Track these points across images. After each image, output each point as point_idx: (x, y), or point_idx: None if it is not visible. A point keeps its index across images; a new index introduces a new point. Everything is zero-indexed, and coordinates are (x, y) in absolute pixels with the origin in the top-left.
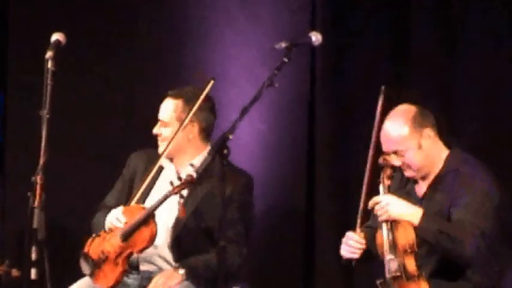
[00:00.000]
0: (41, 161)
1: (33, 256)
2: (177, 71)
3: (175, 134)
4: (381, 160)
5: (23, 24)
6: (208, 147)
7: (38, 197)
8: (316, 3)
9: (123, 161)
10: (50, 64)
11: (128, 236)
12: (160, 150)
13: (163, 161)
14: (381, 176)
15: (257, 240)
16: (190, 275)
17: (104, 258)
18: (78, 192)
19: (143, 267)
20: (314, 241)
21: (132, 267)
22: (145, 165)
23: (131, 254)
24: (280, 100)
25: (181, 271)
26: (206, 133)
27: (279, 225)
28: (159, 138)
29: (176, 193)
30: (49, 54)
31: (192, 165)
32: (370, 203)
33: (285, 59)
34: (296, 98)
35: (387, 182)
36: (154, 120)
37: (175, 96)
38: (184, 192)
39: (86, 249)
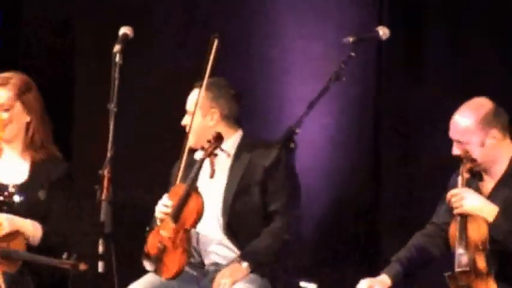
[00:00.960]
0: (108, 154)
1: (100, 249)
2: (244, 65)
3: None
4: (461, 153)
5: (90, 17)
6: (239, 132)
7: (105, 190)
8: None
9: None
10: (117, 58)
11: (177, 215)
12: (189, 143)
13: (196, 155)
14: (460, 169)
15: (322, 234)
16: (254, 266)
17: (163, 249)
18: (144, 186)
19: (207, 260)
20: (379, 236)
21: (196, 263)
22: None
23: (186, 231)
24: (347, 95)
25: (245, 264)
26: (230, 119)
27: (344, 220)
28: (187, 129)
29: (210, 154)
30: (116, 47)
31: (222, 150)
32: (448, 195)
33: (352, 54)
34: (363, 92)
35: (466, 176)
36: None
37: (196, 86)
38: (218, 152)
39: (145, 249)
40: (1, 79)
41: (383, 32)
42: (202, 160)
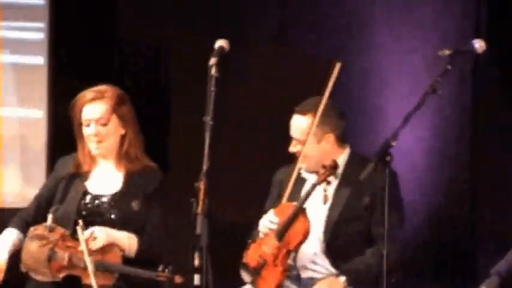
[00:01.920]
0: (204, 167)
1: (196, 262)
2: (341, 79)
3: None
4: None
5: (187, 29)
6: (347, 150)
7: (201, 203)
8: (480, 9)
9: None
10: (213, 70)
11: (282, 234)
12: (303, 166)
13: (304, 174)
14: None
15: (418, 246)
16: (352, 281)
17: (263, 263)
18: (240, 199)
19: (304, 274)
20: (476, 249)
21: (293, 276)
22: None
23: (289, 252)
24: (443, 107)
25: (342, 278)
26: (341, 138)
27: (440, 233)
28: (297, 155)
29: (323, 181)
30: (212, 60)
31: (335, 176)
32: None
33: (449, 67)
34: (459, 105)
35: None
36: None
37: (304, 112)
38: (331, 179)
39: (244, 259)
40: (96, 93)
41: (479, 45)
42: (315, 185)
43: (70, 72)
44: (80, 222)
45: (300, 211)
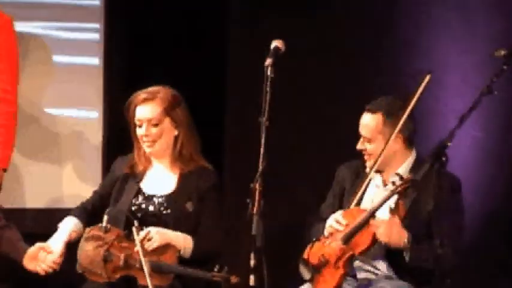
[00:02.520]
0: (260, 167)
1: (252, 263)
2: (396, 80)
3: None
4: None
5: (244, 29)
6: (413, 153)
7: (256, 203)
8: None
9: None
10: (269, 71)
11: (349, 238)
12: (368, 164)
13: (371, 174)
14: None
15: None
16: (413, 254)
17: (325, 263)
18: (295, 200)
19: (360, 275)
20: None
21: (349, 276)
22: (352, 177)
23: (352, 256)
24: (498, 108)
25: (409, 235)
26: (409, 141)
27: (495, 236)
28: (364, 153)
29: (398, 192)
30: (268, 61)
31: (397, 174)
32: None
33: (504, 67)
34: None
35: None
36: None
37: (374, 111)
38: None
39: (305, 255)
40: (149, 94)
41: None
42: (389, 196)
43: (125, 72)
44: (136, 223)
45: (371, 219)
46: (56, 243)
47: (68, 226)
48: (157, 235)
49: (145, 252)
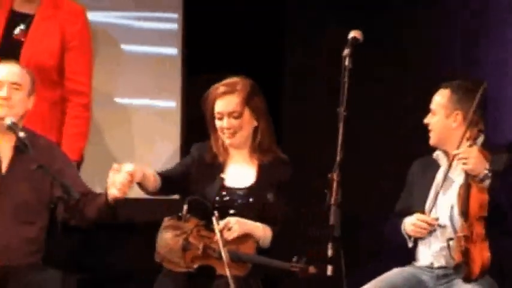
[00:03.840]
0: (338, 158)
1: (329, 253)
2: (465, 69)
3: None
4: None
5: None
6: (480, 139)
7: (334, 194)
8: None
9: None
10: (347, 61)
11: (465, 211)
12: (430, 141)
13: (436, 156)
14: None
15: None
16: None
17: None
18: (371, 191)
19: (437, 263)
20: None
21: (425, 265)
22: (423, 171)
23: (480, 218)
24: None
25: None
26: (472, 124)
27: None
28: (429, 128)
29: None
30: (346, 51)
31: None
32: None
33: None
34: None
35: None
36: None
37: (445, 87)
38: None
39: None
40: (228, 86)
41: None
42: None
43: (203, 62)
44: (215, 213)
45: (468, 185)
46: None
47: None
48: (237, 225)
49: (225, 242)
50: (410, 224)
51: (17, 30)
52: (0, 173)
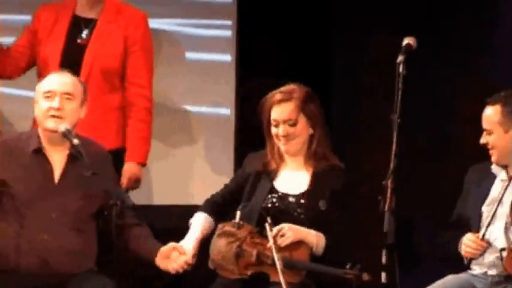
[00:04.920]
0: (392, 165)
1: (384, 260)
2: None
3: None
4: None
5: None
6: None
7: (388, 200)
8: None
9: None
10: (401, 68)
11: None
12: (492, 158)
13: (494, 169)
14: None
15: None
16: None
17: None
18: (426, 198)
19: (491, 271)
20: None
21: (480, 274)
22: (478, 178)
23: None
24: None
25: None
26: None
27: None
28: (488, 147)
29: None
30: (400, 58)
31: None
32: None
33: None
34: None
35: None
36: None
37: (493, 103)
38: None
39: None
40: (284, 94)
41: None
42: None
43: (257, 69)
44: (268, 219)
45: None
46: (189, 244)
47: (199, 223)
48: (290, 231)
49: (278, 249)
50: (464, 245)
51: (83, 34)
52: (53, 182)
